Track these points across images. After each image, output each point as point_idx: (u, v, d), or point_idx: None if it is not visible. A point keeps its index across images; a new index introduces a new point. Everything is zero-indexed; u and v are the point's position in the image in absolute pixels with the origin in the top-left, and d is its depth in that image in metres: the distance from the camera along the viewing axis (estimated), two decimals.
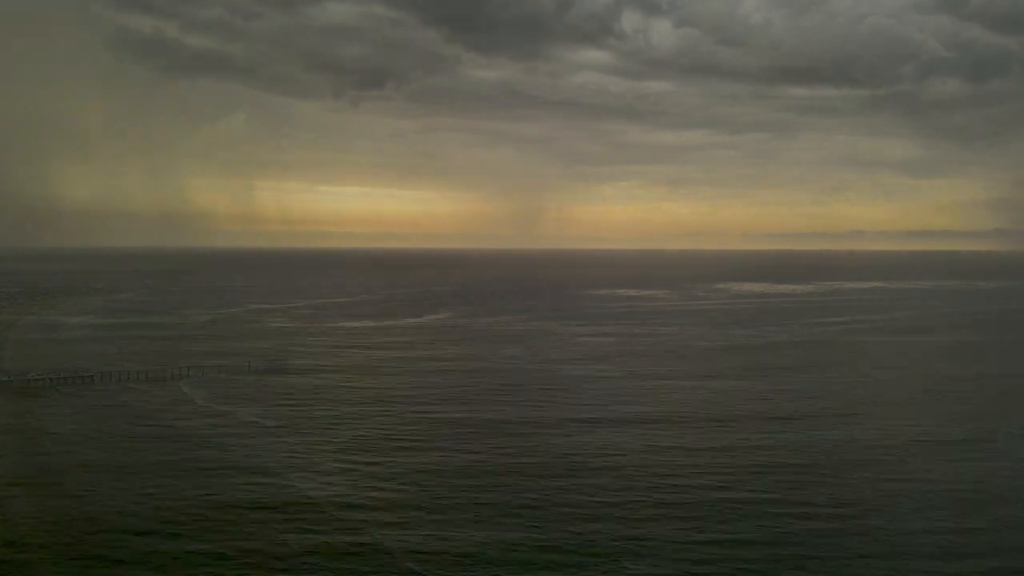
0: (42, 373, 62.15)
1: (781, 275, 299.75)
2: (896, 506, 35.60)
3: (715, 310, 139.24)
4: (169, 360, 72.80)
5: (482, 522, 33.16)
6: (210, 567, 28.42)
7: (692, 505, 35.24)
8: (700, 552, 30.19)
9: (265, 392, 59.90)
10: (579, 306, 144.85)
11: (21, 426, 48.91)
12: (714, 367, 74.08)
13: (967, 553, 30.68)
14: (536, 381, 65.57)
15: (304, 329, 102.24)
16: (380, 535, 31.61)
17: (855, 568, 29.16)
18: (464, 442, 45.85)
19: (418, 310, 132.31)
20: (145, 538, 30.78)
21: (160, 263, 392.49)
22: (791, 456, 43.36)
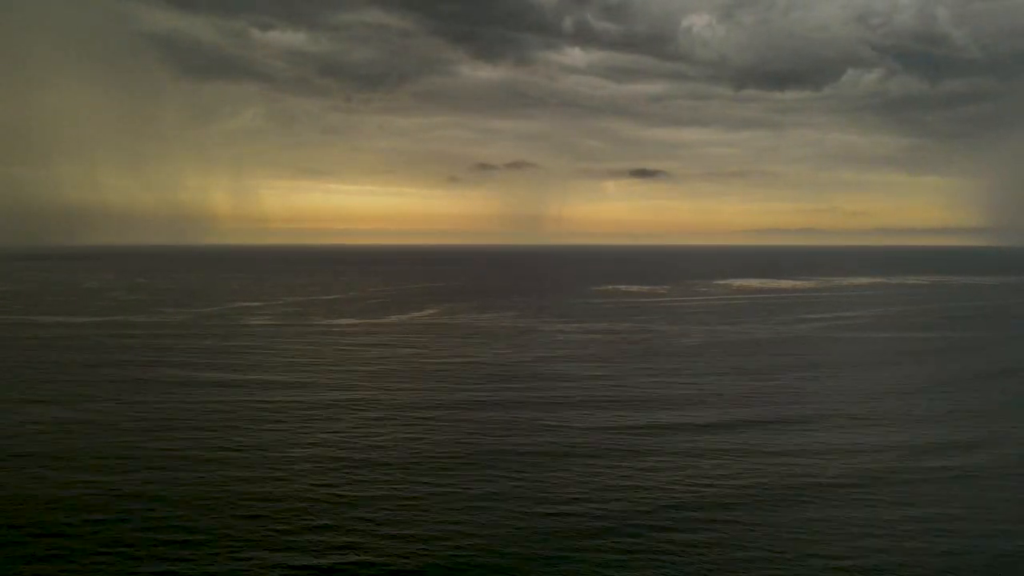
0: None
1: (781, 270, 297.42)
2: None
3: (717, 306, 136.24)
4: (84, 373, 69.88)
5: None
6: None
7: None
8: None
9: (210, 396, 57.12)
10: (576, 302, 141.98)
11: None
12: (725, 365, 71.04)
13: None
14: (520, 382, 62.62)
15: (284, 327, 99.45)
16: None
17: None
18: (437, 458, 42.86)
19: (409, 307, 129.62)
20: None
21: (163, 261, 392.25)
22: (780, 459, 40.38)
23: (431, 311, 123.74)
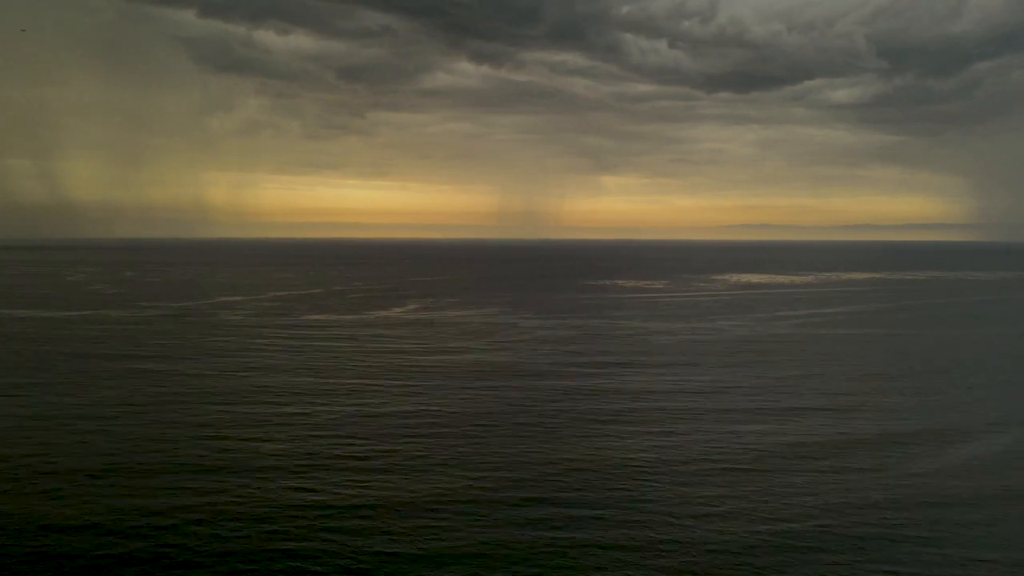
0: None
1: (779, 266, 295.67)
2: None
3: (717, 302, 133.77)
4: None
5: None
6: None
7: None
8: None
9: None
10: (569, 299, 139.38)
11: None
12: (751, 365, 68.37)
13: None
14: (495, 386, 59.99)
15: (263, 323, 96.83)
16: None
17: None
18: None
19: (392, 303, 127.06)
20: None
21: (157, 255, 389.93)
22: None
23: (417, 306, 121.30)
